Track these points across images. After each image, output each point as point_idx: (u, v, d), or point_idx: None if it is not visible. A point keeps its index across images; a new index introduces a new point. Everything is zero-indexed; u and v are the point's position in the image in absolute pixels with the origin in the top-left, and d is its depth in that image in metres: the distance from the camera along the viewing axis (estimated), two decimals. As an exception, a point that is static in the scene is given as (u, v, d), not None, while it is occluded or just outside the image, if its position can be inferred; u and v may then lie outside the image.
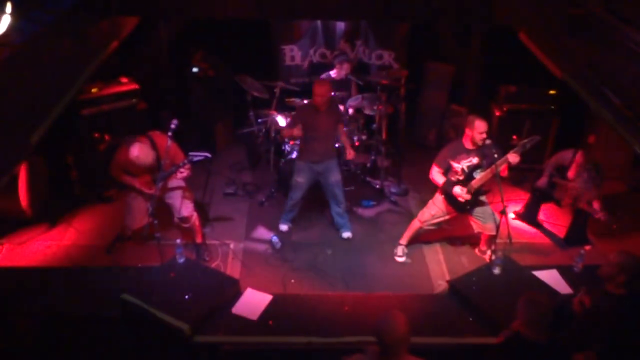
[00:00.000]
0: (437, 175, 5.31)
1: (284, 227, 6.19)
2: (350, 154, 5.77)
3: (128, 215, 5.45)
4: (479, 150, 5.10)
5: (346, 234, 6.11)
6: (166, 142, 4.92)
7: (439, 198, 5.46)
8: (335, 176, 5.80)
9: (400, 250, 5.84)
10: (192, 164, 5.03)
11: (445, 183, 5.23)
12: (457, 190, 5.16)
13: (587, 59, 4.45)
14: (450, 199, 5.32)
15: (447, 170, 5.27)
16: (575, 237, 6.02)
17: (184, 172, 5.04)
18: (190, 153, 5.02)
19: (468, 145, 5.15)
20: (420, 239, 5.93)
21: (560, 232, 6.21)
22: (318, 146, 5.64)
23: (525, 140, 4.96)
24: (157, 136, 5.08)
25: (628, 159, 7.07)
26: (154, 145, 4.98)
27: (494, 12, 5.38)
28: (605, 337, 3.72)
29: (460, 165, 5.16)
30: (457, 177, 5.20)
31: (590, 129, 7.12)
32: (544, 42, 5.14)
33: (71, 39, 4.51)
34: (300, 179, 5.79)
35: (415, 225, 5.70)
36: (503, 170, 5.04)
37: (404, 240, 5.86)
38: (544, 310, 3.29)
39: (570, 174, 5.80)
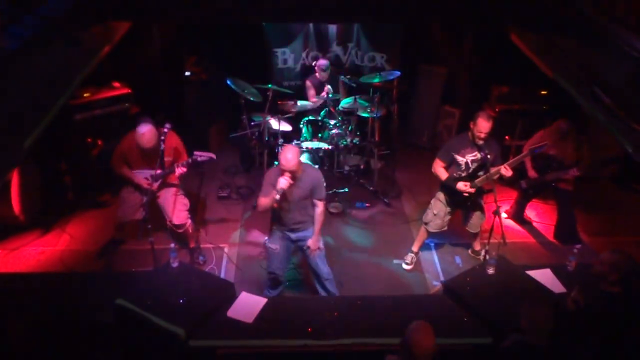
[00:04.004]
0: (440, 170, 5.21)
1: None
2: (311, 242, 4.82)
3: (120, 207, 5.45)
4: (484, 145, 5.00)
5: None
6: (173, 138, 5.01)
7: (440, 195, 5.44)
8: (311, 246, 4.88)
9: (409, 258, 5.82)
10: (196, 164, 5.03)
11: (448, 179, 5.18)
12: (461, 186, 5.10)
13: (578, 59, 4.48)
14: (451, 194, 5.30)
15: (450, 164, 5.20)
16: (564, 233, 6.06)
17: (182, 169, 5.03)
18: (196, 152, 5.02)
19: (472, 138, 5.05)
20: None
21: (552, 231, 6.25)
22: (290, 217, 4.74)
23: (535, 147, 4.99)
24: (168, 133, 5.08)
25: (619, 158, 7.10)
26: (159, 136, 4.98)
27: (486, 13, 5.41)
28: (599, 335, 3.73)
29: (465, 159, 5.12)
30: (460, 172, 5.18)
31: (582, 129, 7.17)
32: (535, 42, 5.17)
33: (64, 44, 4.50)
34: (274, 246, 4.90)
35: (422, 230, 5.70)
36: (506, 170, 4.99)
37: (415, 248, 5.84)
38: (547, 316, 3.30)
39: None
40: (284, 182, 4.37)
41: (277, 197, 4.41)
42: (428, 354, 3.10)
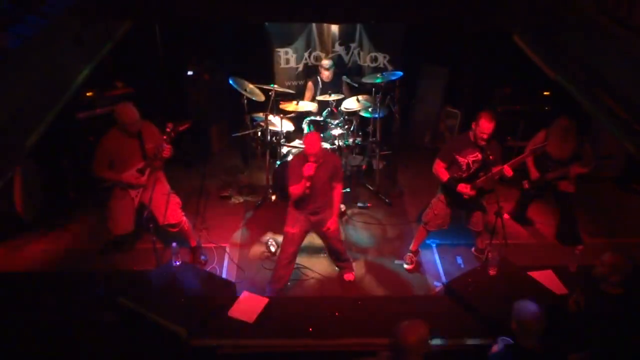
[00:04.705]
0: (441, 171, 5.20)
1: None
2: (331, 223, 5.11)
3: (110, 219, 5.42)
4: (485, 145, 4.99)
5: (349, 276, 5.55)
6: (150, 127, 5.04)
7: (441, 196, 5.42)
8: (332, 227, 5.16)
9: (409, 258, 5.80)
10: (179, 134, 5.05)
11: (449, 180, 5.17)
12: (462, 187, 5.08)
13: (580, 60, 4.48)
14: (452, 195, 5.29)
15: (451, 165, 5.20)
16: (566, 234, 6.05)
17: (166, 150, 5.03)
18: (175, 123, 5.04)
19: (473, 139, 5.05)
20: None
21: (553, 232, 6.24)
22: (312, 201, 5.01)
23: (537, 147, 4.98)
24: (143, 121, 5.14)
25: (620, 159, 7.10)
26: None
27: (488, 14, 5.40)
28: (600, 336, 3.73)
29: (466, 159, 5.11)
30: (460, 173, 5.17)
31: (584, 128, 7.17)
32: (538, 43, 5.16)
33: (66, 43, 4.51)
34: (293, 229, 5.08)
35: (421, 229, 5.68)
36: (507, 170, 5.00)
37: (413, 247, 5.82)
38: (537, 319, 3.29)
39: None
40: (310, 168, 4.72)
41: (308, 184, 4.79)
42: (413, 349, 3.07)
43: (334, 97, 6.70)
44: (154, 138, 5.13)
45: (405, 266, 5.77)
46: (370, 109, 6.82)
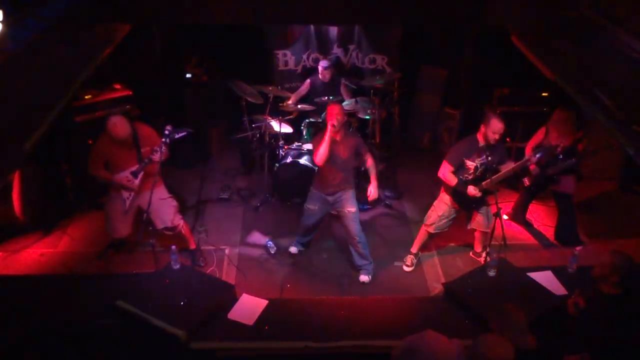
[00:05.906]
0: (449, 175, 5.16)
1: (293, 249, 5.91)
2: (370, 190, 5.40)
3: (107, 223, 5.41)
4: (492, 147, 5.01)
5: (363, 277, 5.56)
6: (146, 130, 5.00)
7: (445, 197, 5.40)
8: (349, 208, 5.35)
9: (409, 260, 5.77)
10: (173, 142, 4.97)
11: (457, 184, 5.13)
12: (471, 190, 5.06)
13: (579, 61, 4.48)
14: (458, 197, 5.28)
15: (458, 168, 5.18)
16: (565, 235, 6.05)
17: (162, 154, 4.96)
18: (167, 127, 4.96)
19: (482, 141, 5.05)
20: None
21: (552, 233, 6.24)
22: (332, 177, 5.25)
23: (539, 151, 5.02)
24: (139, 124, 5.11)
25: (620, 160, 7.10)
26: (131, 126, 4.98)
27: (486, 15, 5.41)
28: (599, 337, 3.73)
29: (475, 162, 5.09)
30: (467, 175, 5.16)
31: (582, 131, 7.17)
32: (536, 44, 5.16)
33: (65, 46, 4.51)
34: (312, 207, 5.46)
35: (423, 231, 5.66)
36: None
37: (414, 249, 5.79)
38: (516, 319, 3.28)
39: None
40: (332, 118, 4.95)
41: (332, 134, 4.96)
42: None
43: (332, 99, 6.70)
44: (149, 141, 5.08)
45: (405, 268, 5.76)
46: (368, 111, 6.83)
